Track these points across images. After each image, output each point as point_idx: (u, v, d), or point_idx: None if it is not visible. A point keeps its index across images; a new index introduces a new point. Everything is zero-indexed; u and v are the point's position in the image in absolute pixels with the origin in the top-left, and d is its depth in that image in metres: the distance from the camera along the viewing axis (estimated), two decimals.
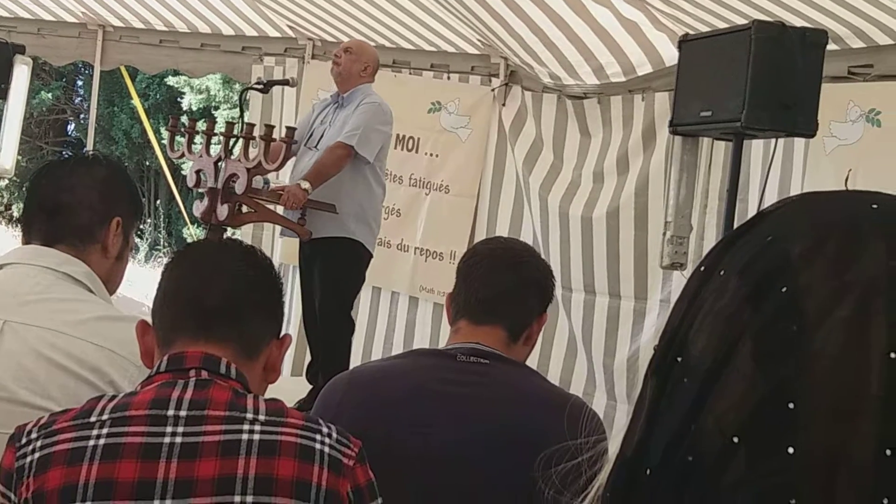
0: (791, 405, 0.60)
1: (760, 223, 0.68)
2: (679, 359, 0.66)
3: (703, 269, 0.69)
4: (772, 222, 0.68)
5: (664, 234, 4.39)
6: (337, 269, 5.68)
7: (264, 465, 1.72)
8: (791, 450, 0.59)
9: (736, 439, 0.61)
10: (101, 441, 1.72)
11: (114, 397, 1.80)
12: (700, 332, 0.66)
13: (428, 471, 2.16)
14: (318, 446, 1.77)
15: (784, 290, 0.63)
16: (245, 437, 1.74)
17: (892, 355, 0.60)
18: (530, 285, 2.37)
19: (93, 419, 1.75)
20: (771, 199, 4.79)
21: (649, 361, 0.69)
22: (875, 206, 0.66)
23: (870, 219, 0.65)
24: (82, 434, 1.73)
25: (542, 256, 2.59)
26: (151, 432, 1.73)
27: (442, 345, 2.44)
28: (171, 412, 1.74)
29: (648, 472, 0.65)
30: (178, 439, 1.72)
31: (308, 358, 6.12)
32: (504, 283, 2.33)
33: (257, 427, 1.75)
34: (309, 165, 5.64)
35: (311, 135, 5.86)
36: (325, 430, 1.81)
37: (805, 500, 0.59)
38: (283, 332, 1.97)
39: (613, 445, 0.71)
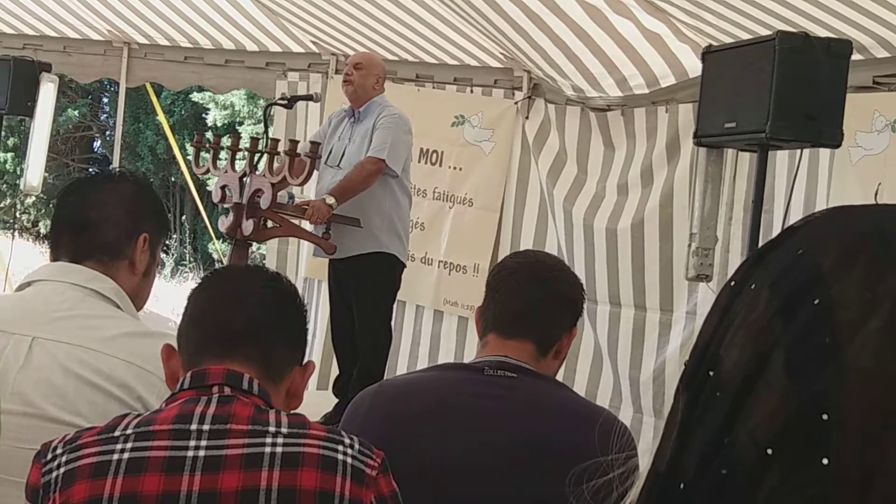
0: (825, 416, 0.60)
1: (791, 237, 0.68)
2: (711, 373, 0.66)
3: (733, 283, 0.69)
4: (802, 236, 0.68)
5: (689, 245, 4.38)
6: (374, 283, 5.70)
7: (287, 477, 1.73)
8: (826, 461, 0.59)
9: (770, 451, 0.61)
10: (126, 455, 1.73)
11: (139, 415, 1.81)
12: (732, 345, 0.66)
13: (454, 483, 2.16)
14: (340, 457, 1.78)
15: (816, 302, 0.63)
16: (268, 449, 1.75)
17: None
18: (559, 299, 2.36)
19: (117, 434, 1.76)
20: (796, 209, 4.78)
21: (680, 376, 0.69)
22: None
23: None
24: (107, 448, 1.74)
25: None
26: (175, 446, 1.74)
27: (468, 358, 2.43)
28: (194, 426, 1.76)
29: (682, 486, 0.65)
30: (202, 452, 1.74)
31: (335, 372, 6.14)
32: (533, 297, 2.32)
33: (280, 440, 1.76)
34: (332, 184, 5.65)
35: (330, 153, 5.86)
36: (347, 440, 1.81)
37: None
38: (306, 359, 1.98)
39: (644, 460, 0.71)
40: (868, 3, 4.46)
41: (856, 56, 4.12)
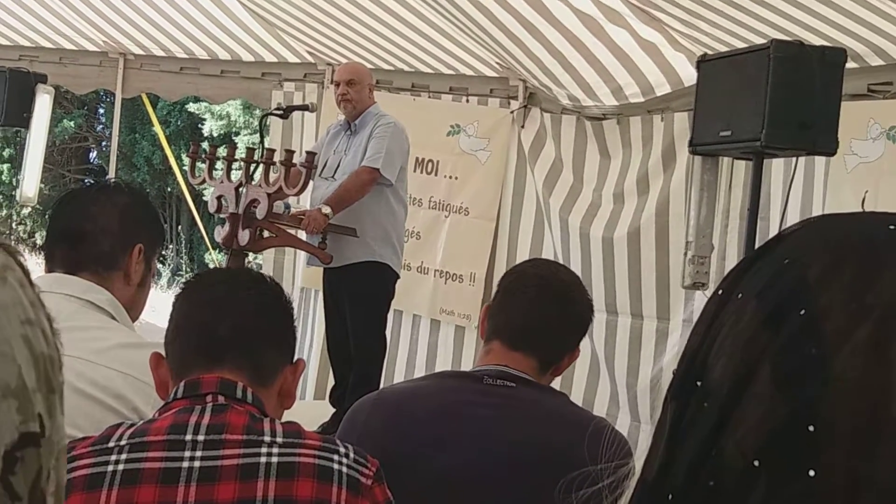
0: (811, 428, 0.60)
1: (777, 246, 0.68)
2: (699, 383, 0.66)
3: (720, 292, 0.69)
4: (789, 245, 0.68)
5: (685, 253, 4.38)
6: (367, 292, 5.70)
7: (283, 487, 1.72)
8: (812, 473, 0.59)
9: (757, 463, 0.61)
10: (120, 467, 1.72)
11: (132, 425, 1.80)
12: (719, 355, 0.66)
13: (452, 491, 2.16)
14: (336, 466, 1.77)
15: (802, 312, 0.63)
16: (263, 459, 1.74)
17: None
18: (570, 321, 2.35)
19: (111, 444, 1.75)
20: (793, 217, 4.78)
21: (668, 385, 0.69)
22: (893, 227, 0.66)
23: (887, 240, 0.65)
24: (101, 460, 1.73)
25: None
26: (170, 457, 1.73)
27: (465, 367, 2.43)
28: (188, 437, 1.75)
29: (670, 497, 0.65)
30: (197, 463, 1.73)
31: (331, 382, 6.13)
32: (547, 318, 2.31)
33: (275, 450, 1.76)
34: (327, 195, 5.65)
35: (325, 165, 5.87)
36: (342, 450, 1.81)
37: None
38: (296, 357, 1.97)
39: (637, 467, 0.71)
40: (862, 12, 4.47)
41: (850, 64, 4.12)
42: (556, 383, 2.45)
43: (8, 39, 8.75)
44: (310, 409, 6.20)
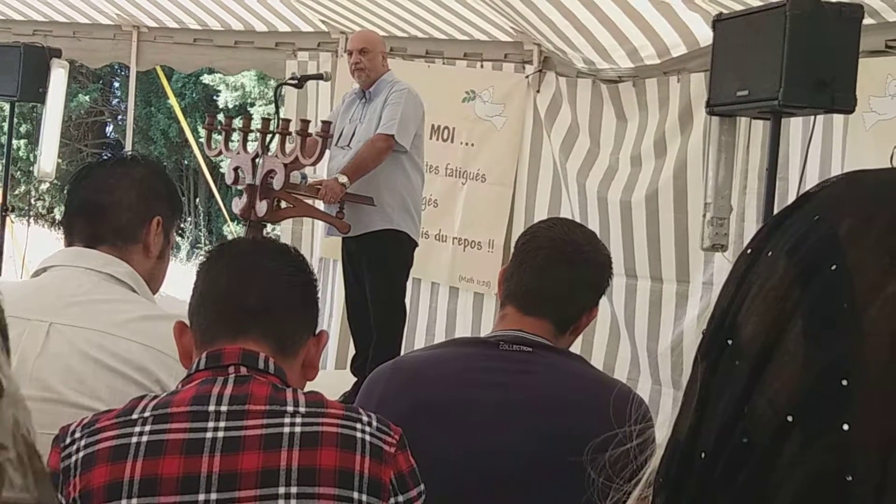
0: (845, 382, 0.60)
1: (806, 203, 0.68)
2: (729, 341, 0.66)
3: (749, 251, 0.68)
4: (818, 202, 0.67)
5: (704, 215, 4.36)
6: (386, 260, 5.71)
7: (307, 457, 1.73)
8: (846, 427, 0.59)
9: (790, 418, 0.61)
10: (145, 438, 1.73)
11: (155, 397, 1.81)
12: (750, 313, 0.65)
13: (470, 457, 2.15)
14: (359, 435, 1.78)
15: (834, 268, 0.62)
16: (287, 429, 1.75)
17: None
18: (584, 282, 2.32)
19: (135, 416, 1.76)
20: (811, 177, 4.75)
21: (698, 345, 0.68)
22: None
23: None
24: (125, 431, 1.74)
25: None
26: (194, 428, 1.74)
27: (485, 333, 2.42)
28: (212, 408, 1.76)
29: (703, 455, 0.65)
30: (221, 434, 1.74)
31: (352, 351, 6.15)
32: (559, 280, 2.27)
33: (298, 419, 1.76)
34: (343, 164, 5.65)
35: (340, 134, 5.86)
36: (365, 418, 1.81)
37: (861, 475, 0.58)
38: (319, 329, 1.97)
39: (662, 431, 0.70)
40: None
41: (867, 20, 4.09)
42: (578, 348, 2.43)
43: (21, 14, 8.75)
44: (331, 378, 6.23)
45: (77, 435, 1.76)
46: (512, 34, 6.81)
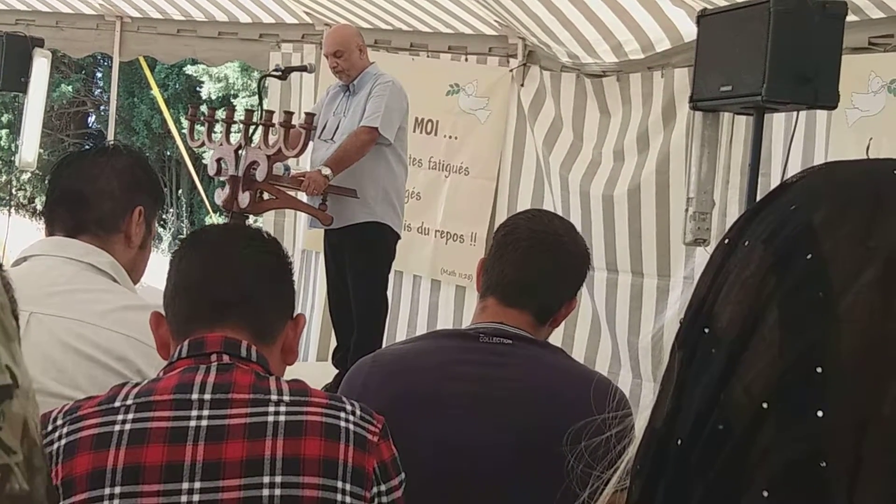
0: (819, 370, 0.60)
1: (783, 193, 0.69)
2: (706, 330, 0.66)
3: (727, 240, 0.69)
4: (795, 191, 0.68)
5: (686, 210, 4.37)
6: (368, 252, 5.71)
7: (291, 446, 1.73)
8: (820, 413, 0.60)
9: (765, 405, 0.62)
10: (128, 426, 1.72)
11: (137, 384, 1.80)
12: (726, 302, 0.66)
13: (450, 450, 2.15)
14: (343, 424, 1.78)
15: (809, 256, 0.63)
16: (271, 418, 1.75)
17: None
18: (565, 273, 2.33)
19: (117, 404, 1.75)
20: (794, 172, 4.75)
21: (676, 334, 0.69)
22: None
23: (892, 184, 0.65)
24: (108, 419, 1.73)
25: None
26: (177, 416, 1.74)
27: (466, 325, 2.42)
28: (195, 396, 1.75)
29: (679, 442, 0.65)
30: (204, 422, 1.73)
31: (334, 343, 6.15)
32: (539, 272, 2.28)
33: (282, 408, 1.76)
34: (326, 157, 5.64)
35: (324, 127, 5.85)
36: (349, 407, 1.81)
37: (835, 462, 0.59)
38: (296, 313, 1.97)
39: (641, 420, 0.71)
40: None
41: (851, 17, 4.10)
42: (559, 341, 2.44)
43: (4, 3, 8.70)
44: (313, 370, 6.22)
45: (59, 422, 1.75)
46: (496, 28, 6.81)
